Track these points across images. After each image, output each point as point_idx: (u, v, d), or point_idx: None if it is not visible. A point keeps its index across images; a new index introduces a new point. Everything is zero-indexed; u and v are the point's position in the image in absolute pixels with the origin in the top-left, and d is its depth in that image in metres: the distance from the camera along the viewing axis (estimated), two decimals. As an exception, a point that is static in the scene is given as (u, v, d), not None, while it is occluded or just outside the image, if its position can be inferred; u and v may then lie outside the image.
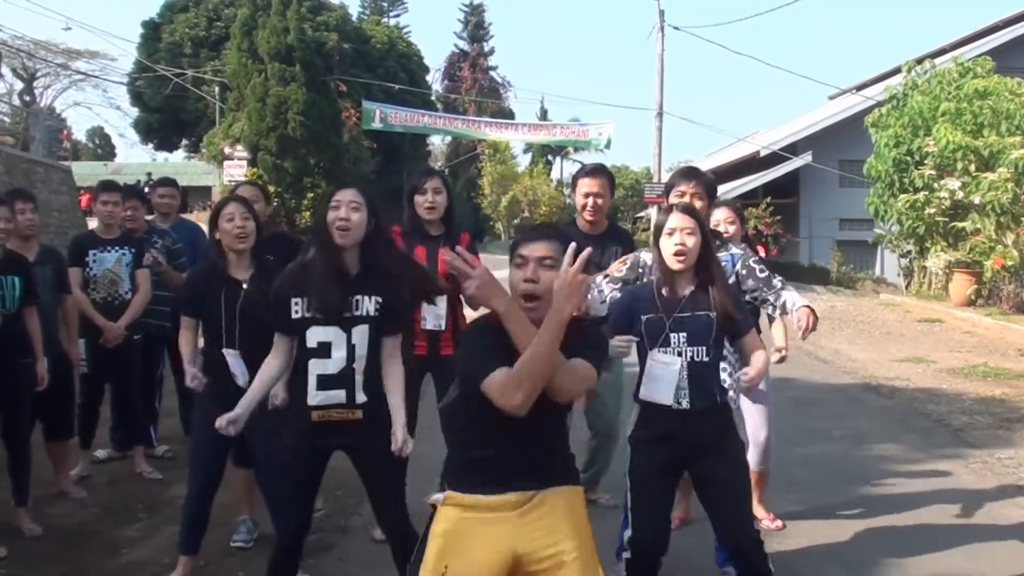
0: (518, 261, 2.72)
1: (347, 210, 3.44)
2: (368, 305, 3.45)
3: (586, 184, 5.12)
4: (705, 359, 3.42)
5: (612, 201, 5.33)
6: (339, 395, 3.42)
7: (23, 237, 5.38)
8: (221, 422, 3.41)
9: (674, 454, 3.44)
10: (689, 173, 4.30)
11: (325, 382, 3.42)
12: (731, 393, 3.77)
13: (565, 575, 2.69)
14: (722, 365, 3.68)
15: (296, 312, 3.44)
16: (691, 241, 3.43)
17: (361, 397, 3.43)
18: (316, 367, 3.43)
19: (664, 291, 3.48)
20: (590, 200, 5.10)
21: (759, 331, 3.97)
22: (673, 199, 4.14)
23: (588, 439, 5.41)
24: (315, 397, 3.42)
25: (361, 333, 3.45)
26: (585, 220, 5.18)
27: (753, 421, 4.85)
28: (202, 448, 4.21)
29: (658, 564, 3.49)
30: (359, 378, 3.43)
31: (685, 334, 3.41)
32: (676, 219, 3.47)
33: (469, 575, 2.68)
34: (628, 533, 3.52)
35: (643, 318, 3.46)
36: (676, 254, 3.43)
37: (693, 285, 3.47)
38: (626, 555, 3.53)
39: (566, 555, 2.70)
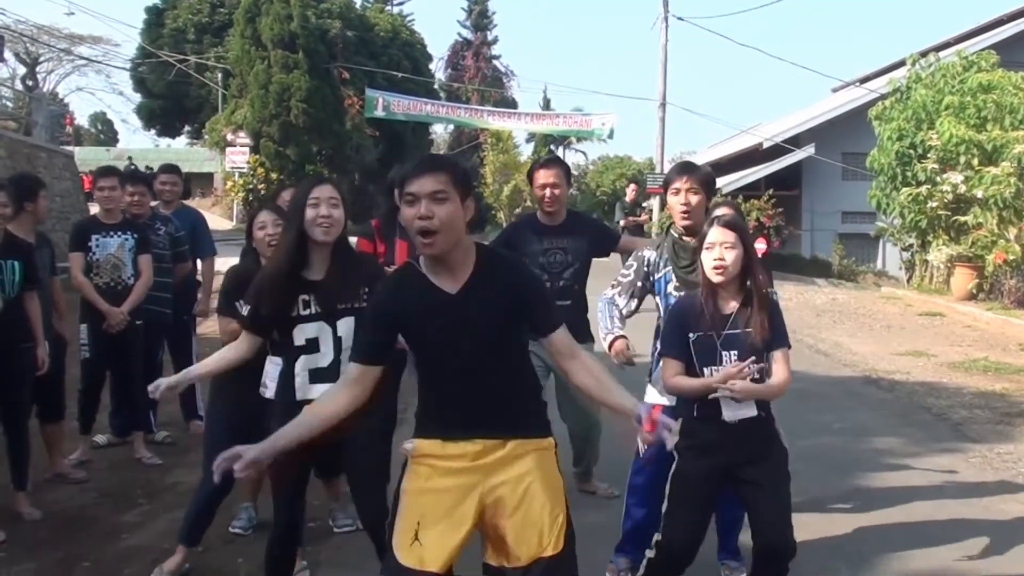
0: (408, 199, 2.67)
1: (327, 207, 3.45)
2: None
3: (542, 175, 5.14)
4: (756, 376, 3.39)
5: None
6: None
7: (38, 223, 5.44)
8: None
9: (718, 464, 3.44)
10: (684, 168, 4.25)
11: (317, 376, 3.47)
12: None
13: (532, 523, 2.71)
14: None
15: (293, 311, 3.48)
16: (730, 256, 3.40)
17: None
18: (307, 363, 3.48)
19: (711, 305, 3.45)
20: (547, 191, 5.12)
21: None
22: (670, 196, 4.13)
23: (569, 438, 5.40)
24: (308, 391, 3.45)
25: (347, 325, 3.48)
26: (544, 211, 5.20)
27: None
28: (218, 449, 4.21)
29: (681, 570, 3.49)
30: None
31: (736, 352, 3.39)
32: (716, 233, 3.45)
33: (440, 529, 2.70)
34: (658, 537, 3.51)
35: (691, 336, 3.44)
36: (715, 268, 3.42)
37: (739, 299, 3.45)
38: (650, 554, 3.53)
39: (534, 507, 2.72)
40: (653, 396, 3.98)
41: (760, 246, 19.40)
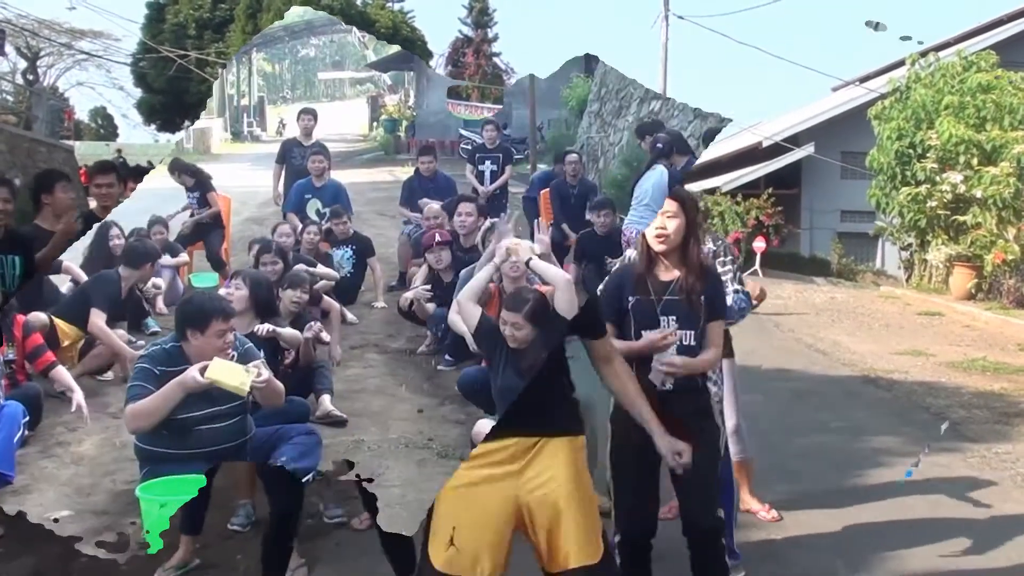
0: None
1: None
2: None
3: None
4: (693, 343, 3.42)
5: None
6: None
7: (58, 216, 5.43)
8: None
9: (649, 435, 3.44)
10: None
11: None
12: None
13: (563, 521, 2.78)
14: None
15: None
16: (672, 224, 3.42)
17: None
18: None
19: (653, 273, 3.47)
20: None
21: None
22: None
23: None
24: None
25: None
26: None
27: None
28: None
29: (648, 546, 3.48)
30: None
31: (675, 317, 3.41)
32: None
33: (476, 532, 2.75)
34: (613, 514, 3.51)
35: (630, 299, 3.45)
36: (657, 237, 3.44)
37: (682, 268, 3.46)
38: (616, 537, 3.51)
39: (563, 503, 2.79)
40: None
41: (759, 244, 19.43)
